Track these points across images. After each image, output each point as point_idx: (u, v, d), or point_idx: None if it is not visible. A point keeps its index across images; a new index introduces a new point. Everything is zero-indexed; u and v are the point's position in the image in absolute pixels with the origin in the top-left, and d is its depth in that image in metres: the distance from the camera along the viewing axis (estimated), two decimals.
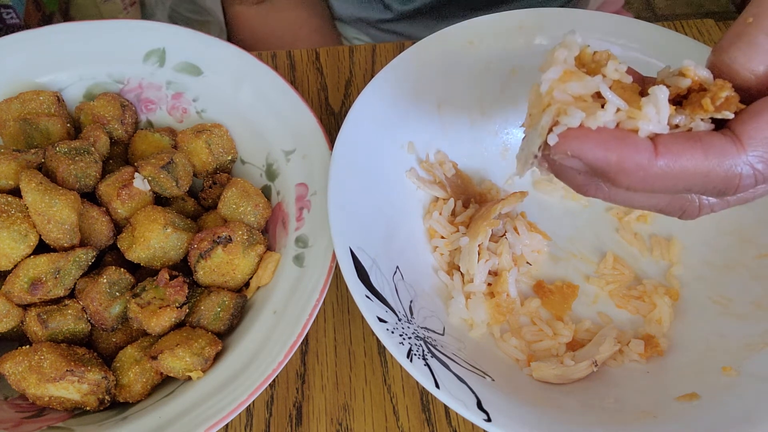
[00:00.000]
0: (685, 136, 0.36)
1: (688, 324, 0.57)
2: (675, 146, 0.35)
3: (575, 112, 0.36)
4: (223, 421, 0.46)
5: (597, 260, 0.62)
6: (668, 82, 0.38)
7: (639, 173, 0.35)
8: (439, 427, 0.55)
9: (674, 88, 0.38)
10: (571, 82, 0.37)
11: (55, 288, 0.50)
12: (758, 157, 0.35)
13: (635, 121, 0.36)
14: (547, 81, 0.37)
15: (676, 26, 0.79)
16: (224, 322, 0.53)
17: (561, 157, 0.37)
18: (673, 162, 0.35)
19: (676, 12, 2.14)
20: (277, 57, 0.76)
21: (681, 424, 0.48)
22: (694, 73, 0.37)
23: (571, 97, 0.37)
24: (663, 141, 0.36)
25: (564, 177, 0.40)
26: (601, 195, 0.40)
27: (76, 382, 0.48)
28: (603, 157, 0.35)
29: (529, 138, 0.39)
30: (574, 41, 0.38)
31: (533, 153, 0.38)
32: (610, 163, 0.35)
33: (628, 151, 0.35)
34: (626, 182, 0.36)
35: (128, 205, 0.54)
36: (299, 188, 0.59)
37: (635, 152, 0.35)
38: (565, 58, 0.38)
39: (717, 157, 0.35)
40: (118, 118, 0.61)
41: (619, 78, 0.37)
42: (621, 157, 0.35)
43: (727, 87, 0.36)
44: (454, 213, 0.61)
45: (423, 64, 0.62)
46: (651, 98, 0.36)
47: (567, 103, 0.36)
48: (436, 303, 0.56)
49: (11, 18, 1.10)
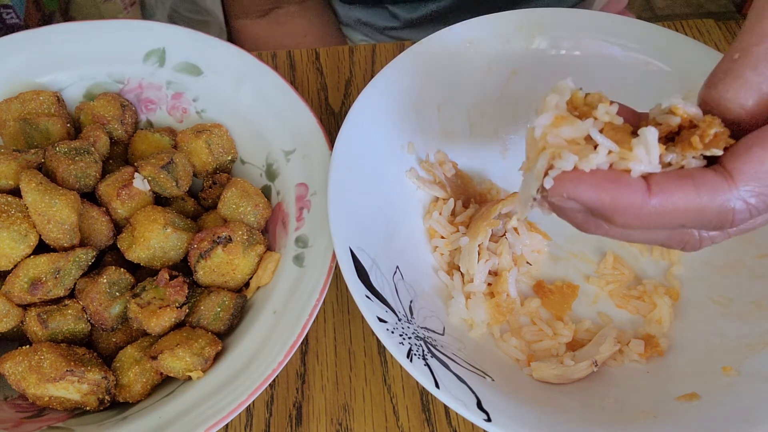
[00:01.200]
0: (676, 174, 0.37)
1: (688, 324, 0.57)
2: (667, 185, 0.36)
3: (568, 156, 0.37)
4: (223, 421, 0.46)
5: (597, 260, 0.62)
6: (659, 120, 0.39)
7: (633, 212, 0.36)
8: (439, 427, 0.55)
9: (665, 126, 0.38)
10: (563, 127, 0.38)
11: (55, 288, 0.50)
12: (750, 191, 0.36)
13: (627, 162, 0.37)
14: (540, 126, 0.38)
15: (676, 26, 0.79)
16: (224, 322, 0.53)
17: (558, 199, 0.38)
18: (665, 200, 0.36)
19: (676, 12, 2.14)
20: (277, 57, 0.76)
21: (681, 424, 0.48)
22: (684, 111, 0.38)
23: (564, 141, 0.38)
24: (655, 180, 0.37)
25: (564, 216, 0.41)
26: (601, 232, 0.40)
27: (76, 382, 0.48)
28: (597, 198, 0.37)
29: (526, 181, 0.40)
30: (566, 86, 0.40)
31: (532, 196, 0.39)
32: (605, 204, 0.37)
33: (621, 191, 0.36)
34: (622, 221, 0.37)
35: (128, 205, 0.54)
36: (299, 188, 0.59)
37: (628, 192, 0.36)
38: (557, 103, 0.39)
39: (709, 194, 0.36)
40: (118, 118, 0.61)
41: (610, 120, 0.38)
42: (614, 198, 0.36)
43: (716, 124, 0.37)
44: (454, 213, 0.61)
45: (423, 65, 0.62)
46: (641, 139, 0.36)
47: (560, 147, 0.38)
48: (436, 303, 0.56)
49: (11, 18, 1.10)
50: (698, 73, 0.61)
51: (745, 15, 0.39)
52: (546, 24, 0.64)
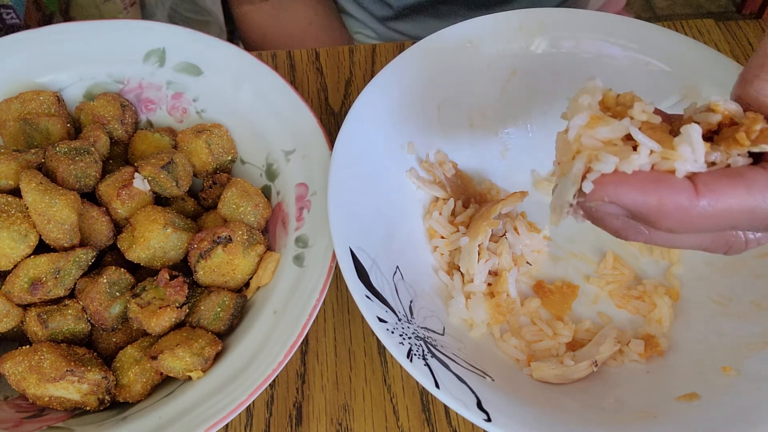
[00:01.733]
0: (725, 173, 0.35)
1: (688, 324, 0.57)
2: (716, 184, 0.35)
3: (608, 158, 0.35)
4: (223, 421, 0.46)
5: (597, 260, 0.62)
6: (697, 119, 0.37)
7: (680, 215, 0.35)
8: (439, 427, 0.55)
9: (704, 124, 0.37)
10: (599, 128, 0.36)
11: (55, 288, 0.50)
12: None
13: (671, 162, 0.35)
14: (574, 128, 0.36)
15: (676, 26, 0.79)
16: (224, 322, 0.53)
17: (598, 204, 0.36)
18: (715, 201, 0.34)
19: (676, 12, 2.15)
20: (277, 57, 0.76)
21: (681, 424, 0.48)
22: (724, 107, 0.36)
23: (600, 143, 0.36)
24: (703, 180, 0.35)
25: (601, 223, 0.39)
26: (642, 238, 0.39)
27: (76, 382, 0.48)
28: (642, 201, 0.35)
29: (561, 187, 0.38)
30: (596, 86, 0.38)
31: (568, 202, 0.37)
32: (650, 207, 0.35)
33: (667, 193, 0.34)
34: (667, 224, 0.35)
35: (128, 205, 0.54)
36: (299, 188, 0.59)
37: (675, 194, 0.35)
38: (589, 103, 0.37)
39: (761, 192, 0.34)
40: (118, 118, 0.61)
41: (647, 119, 0.36)
42: (661, 200, 0.34)
43: (760, 119, 0.35)
44: (454, 213, 0.61)
45: (423, 65, 0.62)
46: (684, 137, 0.35)
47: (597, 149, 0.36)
48: (436, 303, 0.56)
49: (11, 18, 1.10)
50: (698, 72, 0.62)
51: (745, 15, 0.39)
52: (546, 24, 0.64)
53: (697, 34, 0.80)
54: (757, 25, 0.81)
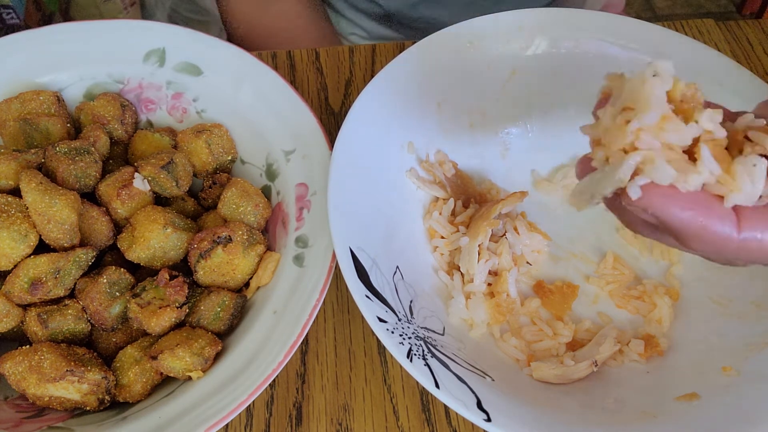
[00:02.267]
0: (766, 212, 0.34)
1: (688, 324, 0.57)
2: (759, 223, 0.34)
3: (666, 169, 0.33)
4: (223, 421, 0.46)
5: (597, 260, 0.62)
6: (753, 138, 0.35)
7: (718, 244, 0.34)
8: (439, 427, 0.55)
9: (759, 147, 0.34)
10: (667, 131, 0.33)
11: (55, 288, 0.50)
12: None
13: (724, 189, 0.34)
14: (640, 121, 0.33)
15: (676, 26, 0.79)
16: (224, 322, 0.53)
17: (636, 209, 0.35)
18: (752, 237, 0.34)
19: (676, 12, 2.14)
20: (277, 57, 0.76)
21: (681, 424, 0.48)
22: None
23: (659, 144, 0.33)
24: (746, 215, 0.34)
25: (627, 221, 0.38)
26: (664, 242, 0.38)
27: (76, 382, 0.48)
28: (687, 224, 0.34)
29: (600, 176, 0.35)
30: (668, 69, 0.34)
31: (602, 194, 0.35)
32: (690, 229, 0.34)
33: (712, 221, 0.34)
34: (701, 248, 0.35)
35: (128, 205, 0.54)
36: (299, 188, 0.59)
37: (720, 223, 0.34)
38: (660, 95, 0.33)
39: None
40: (118, 118, 0.61)
41: (712, 129, 0.34)
42: (704, 226, 0.34)
43: None
44: (454, 213, 0.61)
45: (423, 65, 0.62)
46: (747, 169, 0.33)
47: (654, 152, 0.33)
48: (436, 303, 0.56)
49: (11, 18, 1.10)
50: (698, 73, 0.62)
51: (745, 15, 0.38)
52: (546, 24, 0.64)
53: (697, 34, 0.80)
54: (757, 24, 0.81)
